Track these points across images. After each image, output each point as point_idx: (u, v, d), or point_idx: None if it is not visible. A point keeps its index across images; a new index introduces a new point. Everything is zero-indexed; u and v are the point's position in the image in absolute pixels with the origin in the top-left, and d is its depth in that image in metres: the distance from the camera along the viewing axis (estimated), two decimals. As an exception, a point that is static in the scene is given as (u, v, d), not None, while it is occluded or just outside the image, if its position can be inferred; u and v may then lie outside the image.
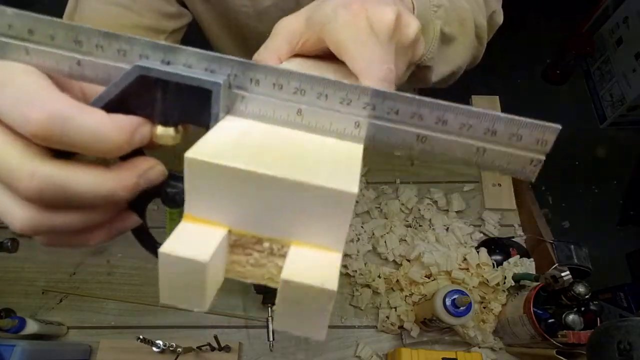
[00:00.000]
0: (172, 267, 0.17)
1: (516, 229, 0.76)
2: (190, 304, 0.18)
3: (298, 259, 0.17)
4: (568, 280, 0.54)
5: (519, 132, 0.19)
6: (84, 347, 0.67)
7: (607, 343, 0.46)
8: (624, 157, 1.82)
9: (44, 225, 0.18)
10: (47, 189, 0.17)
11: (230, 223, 0.18)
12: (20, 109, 0.16)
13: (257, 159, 0.17)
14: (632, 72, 1.75)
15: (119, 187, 0.18)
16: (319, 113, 0.20)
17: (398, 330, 0.68)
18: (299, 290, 0.16)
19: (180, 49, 0.19)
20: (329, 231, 0.17)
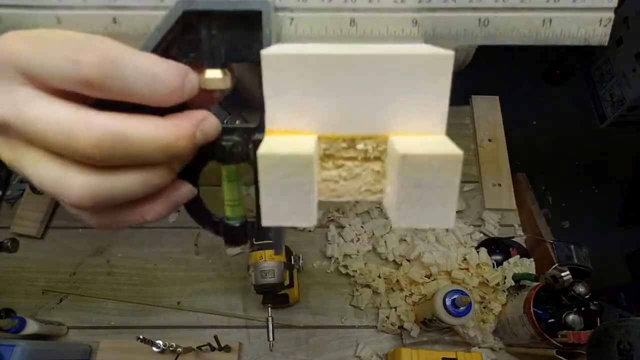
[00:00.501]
0: (275, 171, 0.15)
1: (516, 229, 0.76)
2: (297, 218, 0.16)
3: (405, 142, 0.15)
4: (568, 280, 0.54)
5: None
6: (84, 347, 0.67)
7: (607, 343, 0.46)
8: (624, 157, 1.82)
9: (104, 190, 0.17)
10: (106, 139, 0.16)
11: (318, 128, 0.16)
12: (69, 56, 0.15)
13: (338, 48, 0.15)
14: (632, 72, 1.74)
15: (179, 135, 0.17)
16: (373, 18, 0.18)
17: (398, 330, 0.68)
18: (421, 165, 0.14)
19: None
20: (427, 111, 0.16)
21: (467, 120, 0.87)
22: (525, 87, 1.99)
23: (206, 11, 0.17)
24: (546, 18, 0.18)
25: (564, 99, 1.98)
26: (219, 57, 0.18)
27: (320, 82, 0.15)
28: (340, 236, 0.74)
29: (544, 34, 0.18)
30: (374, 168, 0.16)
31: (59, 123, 0.16)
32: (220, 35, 0.18)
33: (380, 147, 0.16)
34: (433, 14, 0.18)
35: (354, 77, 0.15)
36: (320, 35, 0.18)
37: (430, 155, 0.14)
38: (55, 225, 0.78)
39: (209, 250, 0.76)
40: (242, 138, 0.19)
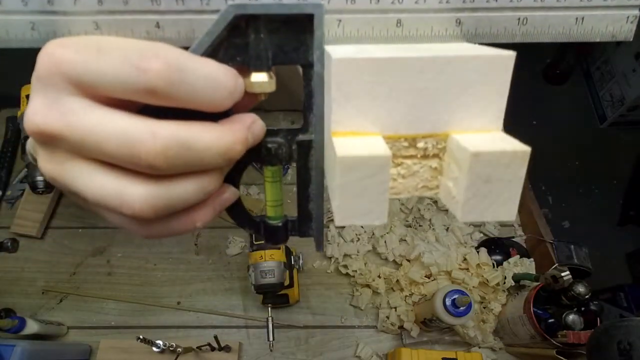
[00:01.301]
0: (353, 172, 0.15)
1: (516, 229, 0.76)
2: (371, 216, 0.16)
3: (470, 139, 0.16)
4: (568, 280, 0.54)
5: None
6: (84, 347, 0.67)
7: (607, 343, 0.46)
8: (624, 157, 1.82)
9: (164, 199, 0.17)
10: (172, 146, 0.15)
11: (382, 129, 0.16)
12: (133, 63, 0.15)
13: (392, 51, 0.15)
14: (632, 72, 1.74)
15: (236, 140, 0.17)
16: (419, 19, 0.18)
17: (398, 330, 0.68)
18: (491, 162, 0.15)
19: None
20: (486, 109, 0.16)
21: (467, 120, 0.87)
22: (525, 87, 1.99)
23: (256, 15, 0.17)
24: (579, 16, 0.19)
25: (564, 99, 1.98)
26: (266, 60, 0.18)
27: (388, 85, 0.15)
28: (340, 236, 0.74)
29: (577, 31, 0.20)
30: (432, 165, 0.17)
31: (121, 133, 0.15)
32: (268, 39, 0.18)
33: (439, 145, 0.17)
34: (475, 13, 0.19)
35: (418, 79, 0.15)
36: (367, 36, 0.19)
37: (501, 152, 0.15)
38: (55, 225, 0.78)
39: (209, 250, 0.76)
40: (286, 140, 0.19)
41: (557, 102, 1.96)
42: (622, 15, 0.19)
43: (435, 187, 0.17)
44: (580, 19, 0.19)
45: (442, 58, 0.15)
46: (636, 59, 1.73)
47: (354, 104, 0.16)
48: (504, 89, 0.16)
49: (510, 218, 0.16)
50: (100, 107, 0.16)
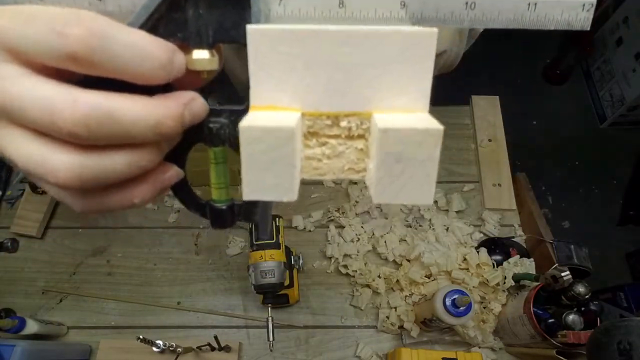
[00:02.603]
0: (257, 144, 0.15)
1: (516, 229, 0.76)
2: (279, 192, 0.16)
3: (387, 118, 0.15)
4: (568, 280, 0.54)
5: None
6: (84, 347, 0.67)
7: (607, 343, 0.46)
8: (624, 157, 1.82)
9: (90, 169, 0.16)
10: (93, 115, 0.15)
11: (302, 105, 0.16)
12: (55, 29, 0.15)
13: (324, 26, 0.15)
14: (632, 72, 1.75)
15: (167, 114, 0.17)
16: (362, 0, 0.18)
17: (398, 330, 0.68)
18: (401, 140, 0.15)
19: None
20: (411, 88, 0.16)
21: (467, 120, 0.87)
22: (525, 87, 1.99)
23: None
24: (531, 2, 0.18)
25: (564, 99, 1.98)
26: (207, 37, 0.18)
27: (305, 58, 0.15)
28: (340, 236, 0.74)
29: (529, 17, 0.18)
30: (358, 146, 0.17)
31: (42, 100, 0.15)
32: (208, 15, 0.17)
33: (364, 125, 0.16)
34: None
35: (338, 54, 0.15)
36: (309, 16, 0.18)
37: (411, 129, 0.14)
38: (55, 225, 0.78)
39: (209, 250, 0.76)
40: (229, 120, 0.19)
41: (557, 102, 1.96)
42: (577, 2, 0.18)
43: (363, 170, 0.17)
44: (532, 5, 0.18)
45: (359, 31, 0.15)
46: (636, 59, 1.73)
47: (272, 78, 0.16)
48: (428, 67, 0.16)
49: (427, 202, 0.15)
50: (32, 75, 0.16)
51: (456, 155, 0.83)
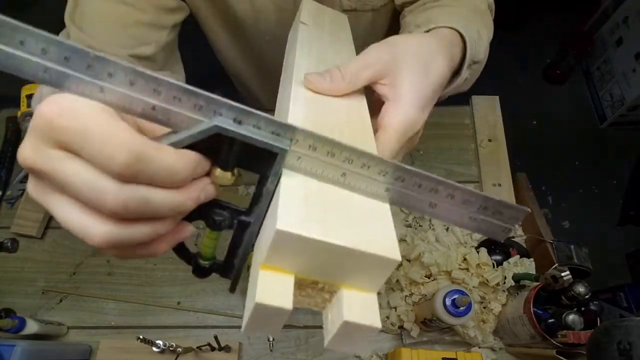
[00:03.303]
0: (263, 312, 0.21)
1: (516, 229, 0.76)
2: (269, 331, 0.23)
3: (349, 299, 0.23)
4: (568, 280, 0.54)
5: (501, 210, 0.26)
6: (84, 347, 0.68)
7: (607, 343, 0.46)
8: (624, 157, 1.82)
9: (121, 237, 0.21)
10: (132, 201, 0.19)
11: (297, 270, 0.23)
12: (107, 152, 0.18)
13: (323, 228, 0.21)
14: (632, 72, 1.75)
15: (188, 197, 0.22)
16: (360, 178, 0.24)
17: (398, 330, 0.68)
18: (354, 327, 0.23)
19: (252, 112, 0.21)
20: (369, 280, 0.23)
21: (467, 120, 0.87)
22: (525, 87, 1.99)
23: (233, 138, 0.21)
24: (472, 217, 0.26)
25: (564, 99, 1.98)
26: (232, 164, 0.23)
27: (304, 248, 0.21)
28: (340, 236, 0.74)
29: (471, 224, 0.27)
30: (325, 296, 0.25)
31: (92, 183, 0.19)
32: (237, 153, 0.22)
33: (332, 288, 0.24)
34: (402, 189, 0.25)
35: (327, 253, 0.22)
36: (317, 174, 0.24)
37: (361, 325, 0.23)
38: (55, 225, 0.78)
39: (209, 250, 0.76)
40: (231, 216, 0.25)
41: (557, 102, 1.96)
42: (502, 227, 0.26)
43: (322, 308, 0.25)
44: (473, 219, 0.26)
45: (346, 248, 0.21)
46: (636, 59, 1.73)
47: (283, 256, 0.22)
48: (384, 274, 0.23)
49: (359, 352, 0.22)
50: (77, 159, 0.19)
51: (456, 155, 0.83)
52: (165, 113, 0.21)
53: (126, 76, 0.20)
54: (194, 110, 0.21)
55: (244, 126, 0.21)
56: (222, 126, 0.21)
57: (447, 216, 0.26)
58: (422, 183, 0.24)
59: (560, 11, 2.07)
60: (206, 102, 0.21)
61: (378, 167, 0.24)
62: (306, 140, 0.23)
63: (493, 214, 0.25)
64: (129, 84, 0.20)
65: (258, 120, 0.22)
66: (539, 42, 2.06)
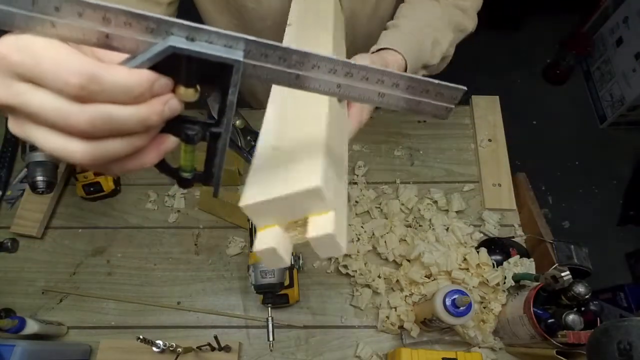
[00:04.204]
0: (265, 255, 0.25)
1: (516, 229, 0.76)
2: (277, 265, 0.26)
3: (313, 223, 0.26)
4: (568, 280, 0.54)
5: (442, 91, 0.27)
6: (84, 347, 0.67)
7: (607, 343, 0.46)
8: (624, 157, 1.82)
9: (100, 151, 0.23)
10: (97, 119, 0.21)
11: (276, 222, 0.26)
12: (61, 77, 0.20)
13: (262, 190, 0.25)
14: (632, 72, 1.75)
15: (152, 111, 0.23)
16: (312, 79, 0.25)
17: (398, 330, 0.68)
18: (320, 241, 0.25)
19: (203, 28, 0.22)
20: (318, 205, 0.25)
21: (467, 120, 0.87)
22: (525, 87, 1.99)
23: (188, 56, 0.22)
24: (416, 99, 0.28)
25: (564, 99, 1.98)
26: (193, 81, 0.24)
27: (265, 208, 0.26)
28: (340, 236, 0.74)
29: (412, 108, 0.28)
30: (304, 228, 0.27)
31: (57, 109, 0.21)
32: (196, 69, 0.23)
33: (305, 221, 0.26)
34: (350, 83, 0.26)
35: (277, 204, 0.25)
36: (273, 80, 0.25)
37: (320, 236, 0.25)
38: (55, 225, 0.78)
39: (209, 250, 0.76)
40: (202, 129, 0.26)
41: (557, 102, 1.96)
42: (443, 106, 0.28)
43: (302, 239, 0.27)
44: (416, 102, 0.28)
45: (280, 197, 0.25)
46: (636, 59, 1.73)
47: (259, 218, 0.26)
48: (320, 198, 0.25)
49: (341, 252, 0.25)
50: (40, 89, 0.21)
51: (456, 155, 0.83)
52: (119, 40, 0.22)
53: (72, 7, 0.21)
54: (147, 34, 0.22)
55: (196, 43, 0.22)
56: (176, 45, 0.22)
57: (396, 103, 0.28)
58: (369, 76, 0.26)
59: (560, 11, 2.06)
60: (157, 23, 0.22)
61: (327, 66, 0.25)
62: (258, 49, 0.23)
63: (436, 95, 0.27)
64: (77, 15, 0.21)
65: (209, 35, 0.22)
66: (539, 42, 2.06)
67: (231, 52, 0.23)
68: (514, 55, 2.01)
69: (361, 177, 0.80)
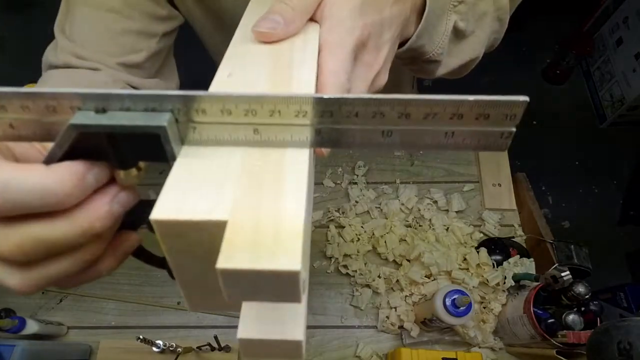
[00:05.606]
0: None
1: (516, 229, 0.76)
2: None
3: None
4: (568, 280, 0.54)
5: (486, 112, 0.18)
6: (84, 347, 0.67)
7: (607, 343, 0.46)
8: (624, 157, 1.82)
9: (42, 278, 0.19)
10: (26, 243, 0.17)
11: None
12: None
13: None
14: (632, 72, 1.75)
15: (93, 219, 0.18)
16: (277, 129, 0.19)
17: (398, 330, 0.68)
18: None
19: (114, 94, 0.17)
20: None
21: (467, 120, 0.87)
22: (525, 87, 1.99)
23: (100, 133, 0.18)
24: (449, 131, 0.19)
25: (564, 99, 1.98)
26: (129, 160, 0.19)
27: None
28: (340, 236, 0.74)
29: (447, 142, 0.20)
30: None
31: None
32: (124, 145, 0.18)
33: None
34: (337, 126, 0.19)
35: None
36: (225, 140, 0.19)
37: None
38: (55, 225, 0.78)
39: (209, 250, 0.76)
40: None
41: (557, 102, 1.96)
42: (497, 132, 0.19)
43: None
44: (450, 133, 0.19)
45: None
46: (636, 59, 1.73)
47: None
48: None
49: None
50: None
51: (456, 155, 0.83)
52: (25, 126, 0.18)
53: None
54: (49, 113, 0.18)
55: (109, 114, 0.18)
56: (78, 123, 0.17)
57: (413, 140, 0.19)
58: (359, 110, 0.18)
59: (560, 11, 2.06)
60: (57, 100, 0.18)
61: (292, 108, 0.18)
62: (191, 104, 0.18)
63: (476, 119, 0.18)
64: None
65: (122, 101, 0.18)
66: (539, 42, 2.06)
67: (153, 118, 0.18)
68: (514, 55, 2.01)
69: (361, 177, 0.80)
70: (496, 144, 0.19)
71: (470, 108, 0.18)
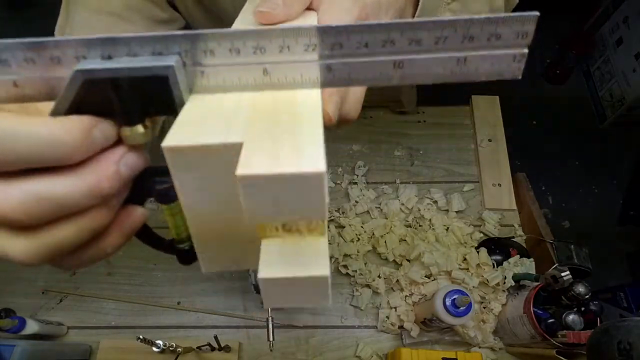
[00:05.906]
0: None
1: (516, 229, 0.76)
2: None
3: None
4: (568, 280, 0.54)
5: (497, 31, 0.18)
6: (84, 347, 0.67)
7: (607, 343, 0.46)
8: (624, 157, 1.82)
9: (46, 247, 0.17)
10: (29, 201, 0.16)
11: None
12: None
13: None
14: (632, 72, 1.74)
15: (101, 176, 0.17)
16: (286, 67, 0.18)
17: (398, 330, 0.68)
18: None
19: (120, 38, 0.17)
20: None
21: (467, 120, 0.87)
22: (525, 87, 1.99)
23: (106, 78, 0.17)
24: (461, 57, 0.18)
25: (564, 99, 1.98)
26: (135, 113, 0.18)
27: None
28: (340, 236, 0.74)
29: (460, 71, 0.19)
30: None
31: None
32: (131, 94, 0.17)
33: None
34: (347, 59, 0.18)
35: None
36: (234, 85, 0.19)
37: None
38: (55, 225, 0.78)
39: (209, 250, 0.76)
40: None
41: (557, 102, 1.96)
42: (509, 55, 0.19)
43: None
44: (462, 60, 0.18)
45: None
46: (636, 59, 1.73)
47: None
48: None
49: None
50: None
51: (456, 155, 0.83)
52: (30, 84, 0.17)
53: None
54: (54, 65, 0.17)
55: (115, 59, 0.17)
56: (85, 68, 0.17)
57: (424, 71, 0.18)
58: (368, 39, 0.18)
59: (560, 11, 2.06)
60: (61, 49, 0.17)
61: (300, 42, 0.18)
62: (198, 44, 0.17)
63: (488, 40, 0.18)
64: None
65: (129, 45, 0.17)
66: (539, 42, 2.06)
67: (160, 60, 0.17)
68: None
69: (361, 177, 0.80)
70: (509, 68, 0.19)
71: (481, 27, 0.18)
